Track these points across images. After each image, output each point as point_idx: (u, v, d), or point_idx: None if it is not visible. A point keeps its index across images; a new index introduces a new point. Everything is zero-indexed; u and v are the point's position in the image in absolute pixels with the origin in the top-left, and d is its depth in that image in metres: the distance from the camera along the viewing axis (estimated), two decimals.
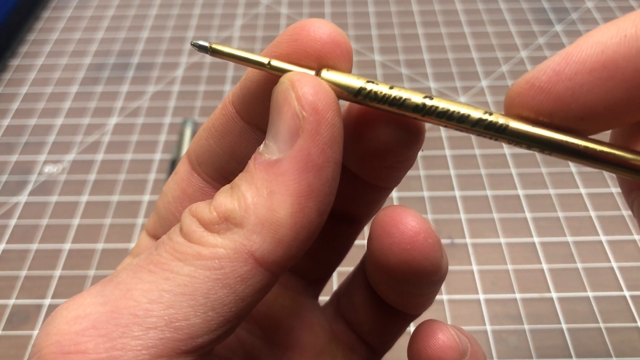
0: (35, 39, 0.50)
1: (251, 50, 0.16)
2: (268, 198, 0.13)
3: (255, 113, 0.15)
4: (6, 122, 0.43)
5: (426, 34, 0.49)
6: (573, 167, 0.37)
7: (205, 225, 0.13)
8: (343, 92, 0.14)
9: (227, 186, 0.14)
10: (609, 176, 0.37)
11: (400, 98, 0.14)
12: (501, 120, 0.14)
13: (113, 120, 0.42)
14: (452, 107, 0.14)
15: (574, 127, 0.13)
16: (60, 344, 0.12)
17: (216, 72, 0.46)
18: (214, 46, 0.14)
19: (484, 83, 0.44)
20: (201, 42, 0.14)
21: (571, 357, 0.29)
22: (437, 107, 0.14)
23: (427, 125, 0.43)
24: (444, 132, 0.40)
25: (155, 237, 0.18)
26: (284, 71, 0.14)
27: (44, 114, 0.43)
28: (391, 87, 0.14)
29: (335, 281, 0.30)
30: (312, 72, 0.14)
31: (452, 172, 0.38)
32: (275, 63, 0.14)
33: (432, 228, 0.15)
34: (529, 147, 0.14)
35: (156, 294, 0.12)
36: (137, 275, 0.13)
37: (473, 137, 0.40)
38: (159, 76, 0.46)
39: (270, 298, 0.18)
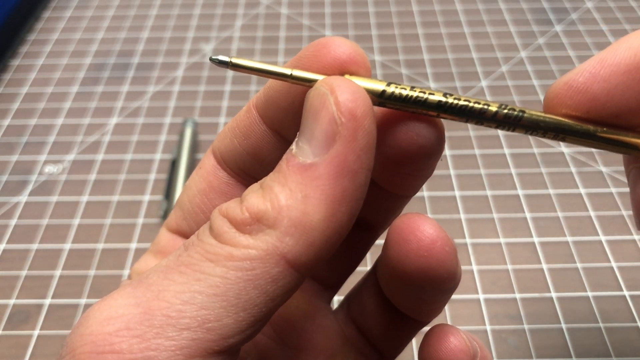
0: (35, 39, 0.50)
1: (252, 51, 0.17)
2: (302, 201, 0.13)
3: (277, 120, 0.16)
4: (6, 122, 0.43)
5: (426, 34, 0.49)
6: (573, 167, 0.38)
7: (237, 225, 0.13)
8: (374, 97, 0.14)
9: (257, 185, 0.14)
10: (608, 176, 0.37)
11: (423, 96, 0.14)
12: (517, 111, 0.14)
13: (113, 120, 0.42)
14: (471, 103, 0.14)
15: (609, 124, 0.15)
16: (94, 344, 0.12)
17: (216, 72, 0.46)
18: (234, 61, 0.14)
19: (484, 83, 0.44)
20: (221, 57, 0.14)
21: (571, 356, 0.29)
22: (457, 103, 0.14)
23: None
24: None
25: (179, 232, 0.18)
26: (306, 80, 0.14)
27: (45, 114, 0.43)
28: (412, 88, 0.14)
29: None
30: None
31: (452, 172, 0.38)
32: (298, 73, 0.14)
33: (448, 236, 0.15)
34: (544, 135, 0.15)
35: (188, 295, 0.12)
36: (168, 277, 0.13)
37: (473, 137, 0.40)
38: (159, 76, 0.46)
39: None
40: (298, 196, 0.13)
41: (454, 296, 0.31)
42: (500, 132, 0.40)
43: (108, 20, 0.52)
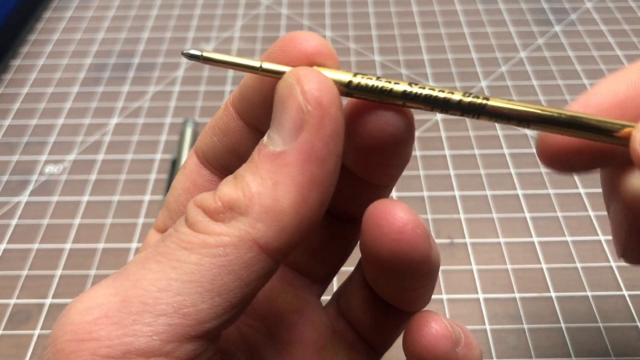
0: (36, 39, 0.50)
1: (252, 51, 0.17)
2: (272, 188, 0.13)
3: (253, 115, 0.16)
4: (7, 122, 0.43)
5: (426, 34, 0.49)
6: None
7: (210, 214, 0.14)
8: (342, 88, 0.15)
9: (230, 177, 0.14)
10: None
11: (388, 86, 0.14)
12: (481, 98, 0.15)
13: (114, 120, 0.42)
14: (435, 91, 0.15)
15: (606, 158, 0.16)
16: (75, 333, 0.13)
17: (217, 72, 0.46)
18: (204, 54, 0.15)
19: (484, 83, 0.44)
20: (192, 51, 0.15)
21: (570, 356, 0.29)
22: (421, 92, 0.15)
23: (427, 126, 0.43)
24: (443, 133, 0.40)
25: (165, 232, 0.18)
26: (275, 72, 0.14)
27: (45, 114, 0.43)
28: (378, 78, 0.15)
29: (335, 282, 0.30)
30: None
31: (451, 172, 0.38)
32: (267, 65, 0.15)
33: (420, 220, 0.15)
34: (508, 122, 0.15)
35: (164, 282, 0.13)
36: (145, 267, 0.13)
37: (472, 137, 0.40)
38: (159, 76, 0.46)
39: (273, 294, 0.19)
40: (268, 183, 0.13)
41: (453, 296, 0.31)
42: (500, 132, 0.40)
43: (108, 21, 0.52)
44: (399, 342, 0.20)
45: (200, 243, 0.13)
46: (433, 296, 0.31)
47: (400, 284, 0.17)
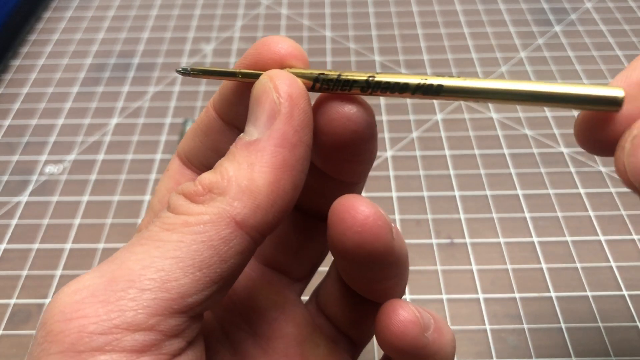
0: (36, 39, 0.50)
1: None
2: (248, 169, 0.14)
3: (232, 114, 0.18)
4: (7, 122, 0.43)
5: (426, 34, 0.49)
6: (572, 167, 0.38)
7: (191, 197, 0.15)
8: (309, 83, 0.16)
9: (211, 170, 0.15)
10: (608, 176, 0.37)
11: (350, 79, 0.16)
12: (436, 81, 0.16)
13: (114, 120, 0.42)
14: (394, 79, 0.16)
15: None
16: (63, 313, 0.13)
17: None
18: (193, 69, 0.17)
19: None
20: (182, 68, 0.17)
21: (570, 356, 0.29)
22: (380, 81, 0.16)
23: (427, 126, 0.43)
24: (443, 133, 0.40)
25: None
26: (251, 76, 0.16)
27: (45, 114, 0.43)
28: (339, 74, 0.16)
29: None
30: None
31: (451, 172, 0.38)
32: (244, 71, 0.16)
33: (382, 212, 0.16)
34: (465, 100, 0.16)
35: (148, 260, 0.13)
36: (130, 250, 0.14)
37: (472, 137, 0.40)
38: (159, 76, 0.46)
39: (255, 293, 0.19)
40: (244, 166, 0.14)
41: (453, 296, 0.31)
42: (500, 133, 0.40)
43: (108, 21, 0.52)
44: None
45: (182, 223, 0.14)
46: (433, 296, 0.32)
47: (369, 275, 0.18)
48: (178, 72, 0.17)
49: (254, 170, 0.14)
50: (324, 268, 0.21)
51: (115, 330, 0.13)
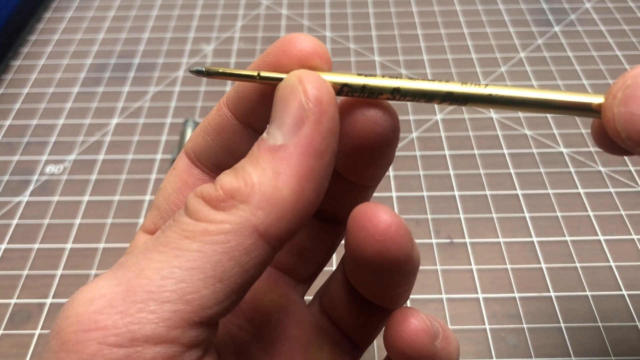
0: (37, 39, 0.50)
1: (252, 51, 0.18)
2: (273, 177, 0.14)
3: (248, 114, 0.17)
4: (8, 122, 0.43)
5: (425, 34, 0.49)
6: (572, 167, 0.38)
7: (211, 203, 0.14)
8: (337, 86, 0.16)
9: (229, 170, 0.15)
10: (607, 176, 0.37)
11: (375, 89, 0.16)
12: (462, 88, 0.16)
13: (114, 120, 0.42)
14: (421, 85, 0.16)
15: None
16: (80, 323, 0.13)
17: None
18: (208, 69, 0.16)
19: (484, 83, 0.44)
20: (197, 68, 0.16)
21: (570, 356, 0.29)
22: (410, 88, 0.16)
23: (427, 126, 0.43)
24: (443, 133, 0.40)
25: (156, 232, 0.18)
26: (272, 79, 0.16)
27: (46, 114, 0.43)
28: (364, 85, 0.16)
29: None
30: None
31: (451, 172, 0.38)
32: (264, 74, 0.16)
33: (403, 222, 0.16)
34: (490, 108, 0.16)
35: (167, 270, 0.13)
36: (147, 257, 0.13)
37: (472, 137, 0.40)
38: (160, 76, 0.46)
39: (259, 295, 0.19)
40: (269, 173, 0.14)
41: (453, 295, 0.31)
42: (500, 133, 0.40)
43: (109, 21, 0.52)
44: (380, 338, 0.20)
45: (202, 231, 0.13)
46: (433, 296, 0.32)
47: (384, 282, 0.18)
48: (192, 72, 0.16)
49: (279, 179, 0.14)
50: (326, 268, 0.21)
51: (135, 343, 0.12)
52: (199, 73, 0.16)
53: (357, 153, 0.17)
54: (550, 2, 0.52)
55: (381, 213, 0.16)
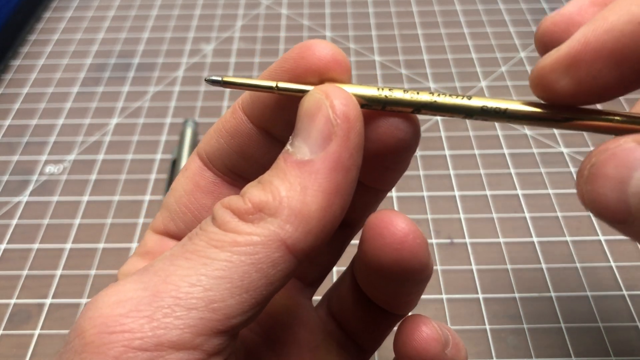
0: (36, 39, 0.50)
1: (252, 51, 0.18)
2: (301, 192, 0.14)
3: (266, 120, 0.17)
4: (7, 122, 0.43)
5: (426, 34, 0.49)
6: (572, 167, 0.38)
7: (240, 215, 0.14)
8: (361, 100, 0.16)
9: (254, 182, 0.15)
10: None
11: (412, 98, 0.16)
12: (502, 104, 0.15)
13: (114, 120, 0.42)
14: (458, 100, 0.15)
15: (591, 104, 0.15)
16: (105, 325, 0.13)
17: (217, 72, 0.46)
18: (225, 79, 0.16)
19: (484, 83, 0.44)
20: (214, 77, 0.16)
21: (570, 356, 0.29)
22: (444, 102, 0.15)
23: (427, 126, 0.43)
24: (443, 133, 0.40)
25: (166, 233, 0.18)
26: (290, 90, 0.16)
27: (46, 114, 0.43)
28: (385, 104, 0.16)
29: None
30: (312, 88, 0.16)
31: (451, 172, 0.38)
32: (282, 85, 0.16)
33: (419, 230, 0.16)
34: (528, 123, 0.16)
35: (195, 278, 0.13)
36: (174, 263, 0.14)
37: (472, 137, 0.40)
38: (159, 76, 0.46)
39: None
40: (297, 188, 0.14)
41: (453, 295, 0.31)
42: (500, 133, 0.40)
43: (109, 21, 0.52)
44: (386, 342, 0.20)
45: (231, 242, 0.14)
46: (433, 296, 0.32)
47: (397, 290, 0.18)
48: (207, 81, 0.16)
49: (307, 194, 0.14)
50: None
51: (160, 348, 0.13)
52: (215, 82, 0.16)
53: (376, 157, 0.17)
54: (550, 2, 0.52)
55: (399, 221, 0.16)
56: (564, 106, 0.15)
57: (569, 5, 0.16)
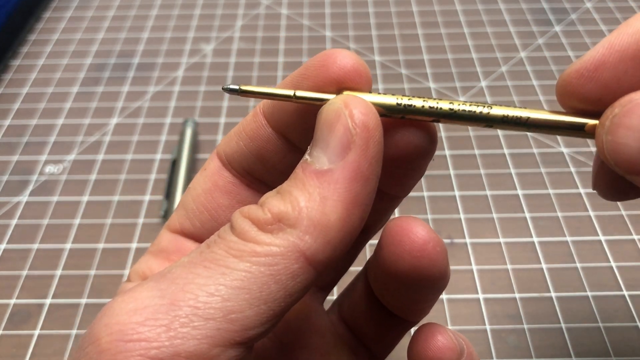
0: (36, 39, 0.50)
1: (252, 51, 0.18)
2: (320, 203, 0.14)
3: (286, 126, 0.17)
4: (7, 122, 0.43)
5: (426, 34, 0.49)
6: (572, 167, 0.38)
7: (259, 225, 0.14)
8: (381, 109, 0.16)
9: (273, 192, 0.15)
10: None
11: (431, 108, 0.16)
12: (524, 113, 0.15)
13: (114, 120, 0.42)
14: (477, 110, 0.15)
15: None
16: (122, 333, 0.13)
17: (217, 72, 0.46)
18: (243, 87, 0.16)
19: (484, 83, 0.44)
20: (232, 86, 0.16)
21: (570, 356, 0.29)
22: (465, 110, 0.15)
23: None
24: (443, 133, 0.40)
25: (181, 232, 0.18)
26: (308, 99, 0.16)
27: (45, 114, 0.43)
28: (403, 116, 0.16)
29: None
30: (333, 96, 0.16)
31: (451, 172, 0.38)
32: (300, 93, 0.16)
33: (439, 237, 0.16)
34: (549, 132, 0.16)
35: (213, 287, 0.13)
36: (192, 271, 0.13)
37: (472, 137, 0.40)
38: (159, 76, 0.46)
39: None
40: (316, 198, 0.14)
41: (453, 296, 0.31)
42: (500, 132, 0.40)
43: (108, 21, 0.52)
44: (397, 348, 0.20)
45: (250, 252, 0.13)
46: None
47: (413, 297, 0.18)
48: (225, 90, 0.16)
49: (327, 204, 0.14)
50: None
51: (176, 358, 0.12)
52: (232, 91, 0.16)
53: (394, 164, 0.17)
54: (550, 2, 0.52)
55: (419, 228, 0.16)
56: (587, 113, 0.15)
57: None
